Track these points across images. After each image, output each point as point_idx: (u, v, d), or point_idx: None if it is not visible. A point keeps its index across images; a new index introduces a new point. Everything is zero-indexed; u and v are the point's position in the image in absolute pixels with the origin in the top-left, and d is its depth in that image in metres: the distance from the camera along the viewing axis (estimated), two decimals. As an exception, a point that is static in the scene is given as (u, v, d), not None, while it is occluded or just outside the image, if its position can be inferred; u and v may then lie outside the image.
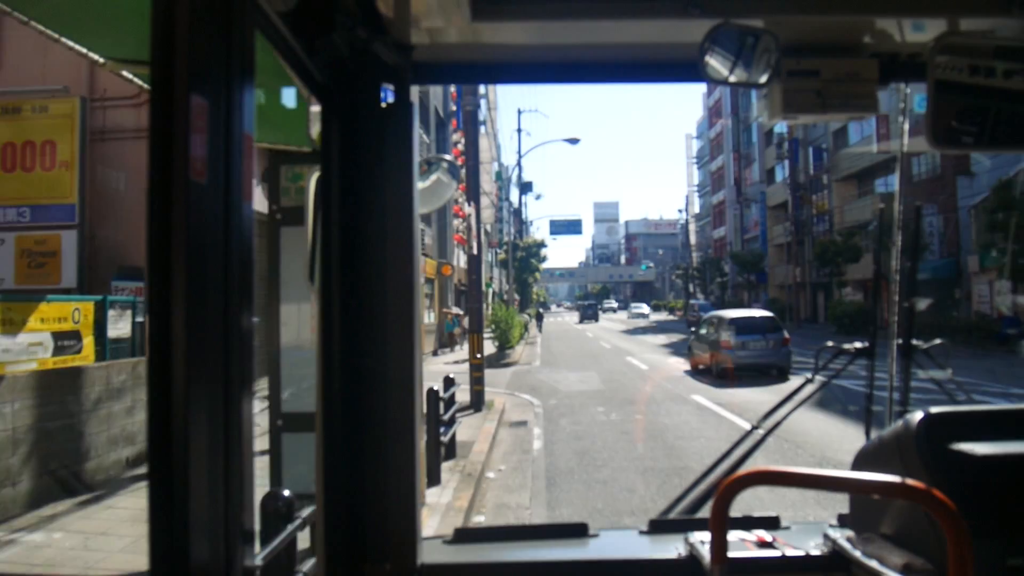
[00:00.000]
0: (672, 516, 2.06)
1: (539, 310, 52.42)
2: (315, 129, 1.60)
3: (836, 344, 2.43)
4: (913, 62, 1.61)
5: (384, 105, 1.55)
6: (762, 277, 51.88)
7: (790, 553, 1.61)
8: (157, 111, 0.78)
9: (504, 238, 47.20)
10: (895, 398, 2.23)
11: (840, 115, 1.60)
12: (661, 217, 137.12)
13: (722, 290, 58.64)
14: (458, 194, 17.49)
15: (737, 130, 60.00)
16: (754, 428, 2.29)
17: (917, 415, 1.47)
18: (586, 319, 60.17)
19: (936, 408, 1.49)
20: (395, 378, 1.53)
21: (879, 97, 1.58)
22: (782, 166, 48.75)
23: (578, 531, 1.86)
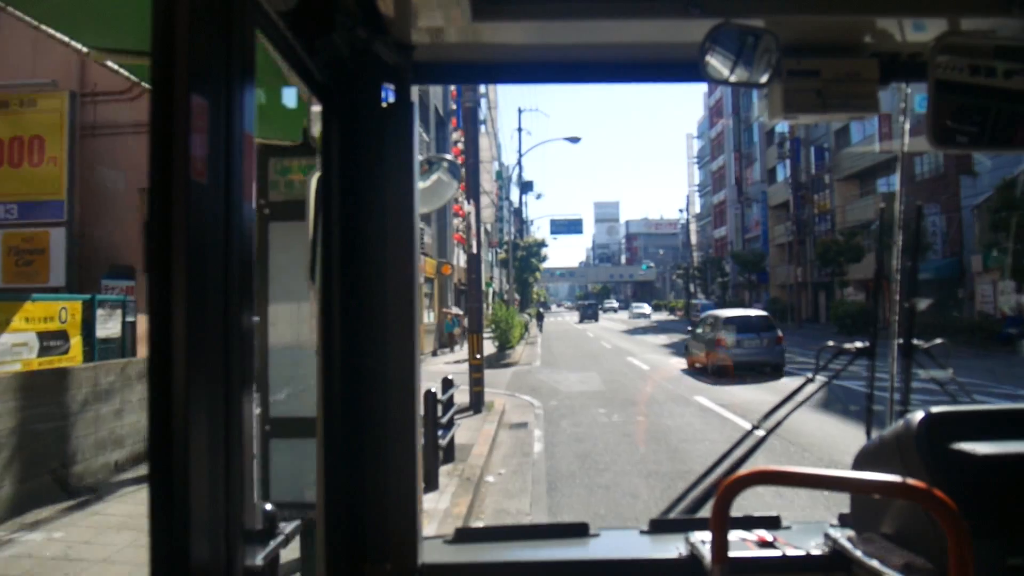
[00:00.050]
0: (673, 516, 2.07)
1: (539, 310, 52.34)
2: (316, 129, 1.60)
3: (837, 344, 2.43)
4: (914, 62, 1.61)
5: (384, 105, 1.55)
6: (763, 277, 51.86)
7: (791, 553, 1.61)
8: (157, 111, 0.78)
9: (504, 237, 47.20)
10: (896, 398, 2.23)
11: (841, 115, 1.60)
12: (662, 217, 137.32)
13: (723, 290, 58.58)
14: (458, 193, 17.50)
15: (738, 130, 59.94)
16: (754, 428, 2.29)
17: (918, 415, 1.47)
18: (586, 319, 60.22)
19: (937, 408, 1.49)
20: (395, 377, 1.54)
21: (880, 97, 1.58)
22: (783, 165, 48.74)
23: (579, 531, 1.86)
